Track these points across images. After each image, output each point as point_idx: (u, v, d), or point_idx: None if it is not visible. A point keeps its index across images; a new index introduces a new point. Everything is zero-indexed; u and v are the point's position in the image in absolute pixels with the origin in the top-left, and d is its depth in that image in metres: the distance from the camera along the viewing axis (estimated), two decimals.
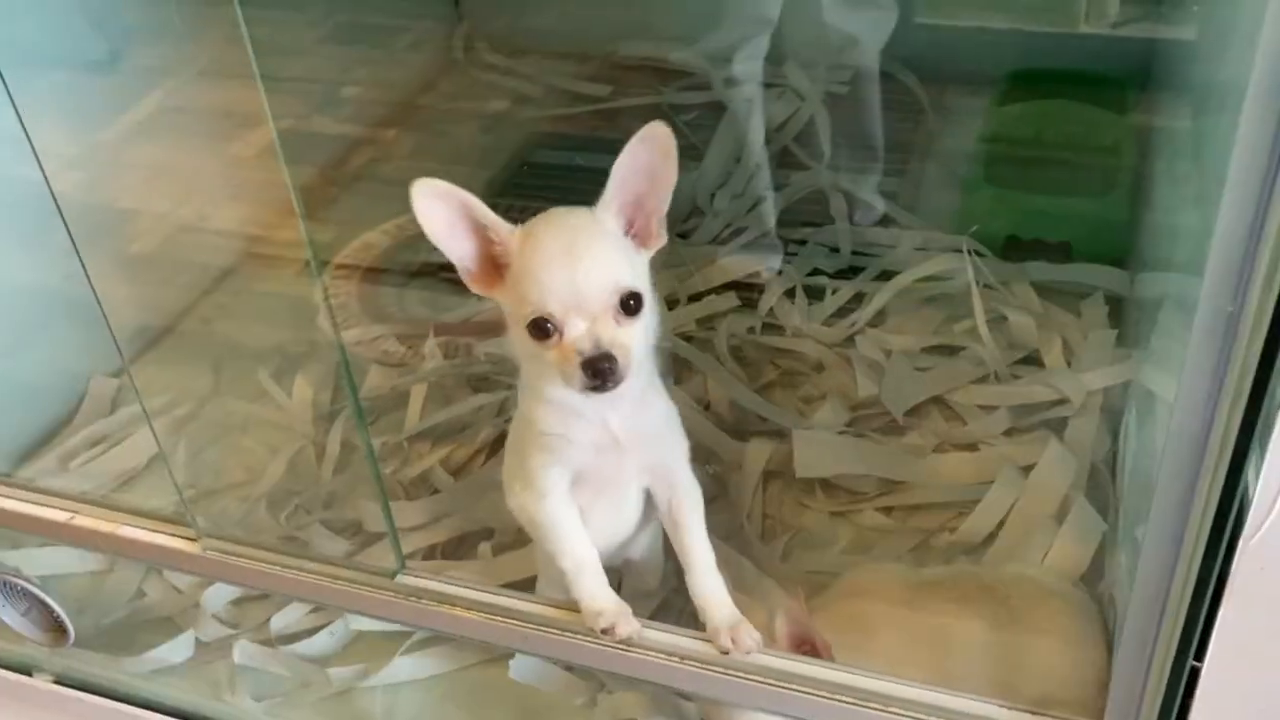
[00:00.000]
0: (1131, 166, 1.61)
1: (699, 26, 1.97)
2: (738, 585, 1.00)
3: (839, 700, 0.84)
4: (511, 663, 1.08)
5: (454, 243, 0.86)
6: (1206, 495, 0.61)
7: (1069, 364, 1.38)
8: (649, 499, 0.99)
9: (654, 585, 1.12)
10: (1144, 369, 1.26)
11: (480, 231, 0.86)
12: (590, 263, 0.83)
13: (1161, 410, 1.13)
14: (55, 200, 0.96)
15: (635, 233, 0.88)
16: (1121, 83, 1.76)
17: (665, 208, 0.87)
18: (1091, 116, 1.71)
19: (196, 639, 1.21)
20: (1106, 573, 1.12)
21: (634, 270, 0.85)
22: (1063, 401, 1.32)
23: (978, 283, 1.44)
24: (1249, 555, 0.61)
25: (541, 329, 0.83)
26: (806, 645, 0.90)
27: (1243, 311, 0.54)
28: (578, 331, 0.83)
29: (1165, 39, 1.72)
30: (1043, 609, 1.05)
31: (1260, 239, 0.52)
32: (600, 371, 0.82)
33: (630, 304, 0.84)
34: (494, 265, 0.87)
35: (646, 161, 0.84)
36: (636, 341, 0.84)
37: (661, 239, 0.88)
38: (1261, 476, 0.58)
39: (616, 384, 0.83)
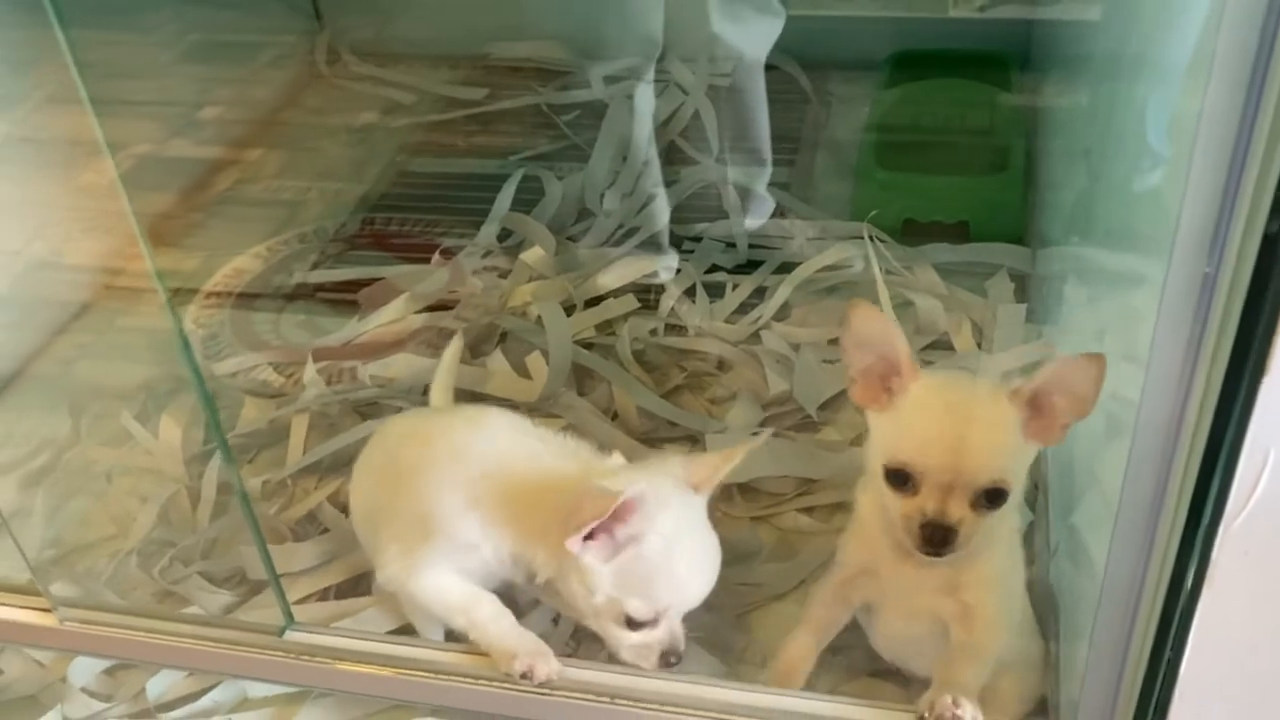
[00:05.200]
0: (1023, 142, 1.59)
1: (584, 49, 1.93)
2: None
3: None
4: None
5: None
6: (1182, 477, 0.55)
7: (979, 345, 1.34)
8: None
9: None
10: (1059, 345, 1.23)
11: None
12: None
13: None
14: None
15: None
16: (1003, 60, 1.75)
17: None
18: (977, 94, 1.69)
19: (64, 717, 1.08)
20: (1037, 558, 1.08)
21: None
22: None
23: (880, 269, 1.40)
24: (1231, 539, 0.56)
25: None
26: None
27: (1220, 271, 0.49)
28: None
29: (1045, 19, 1.73)
30: None
31: (1238, 191, 0.47)
32: None
33: None
34: None
35: None
36: None
37: None
38: (1244, 450, 0.53)
39: None
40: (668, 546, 0.84)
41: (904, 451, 0.80)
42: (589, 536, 0.81)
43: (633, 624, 0.84)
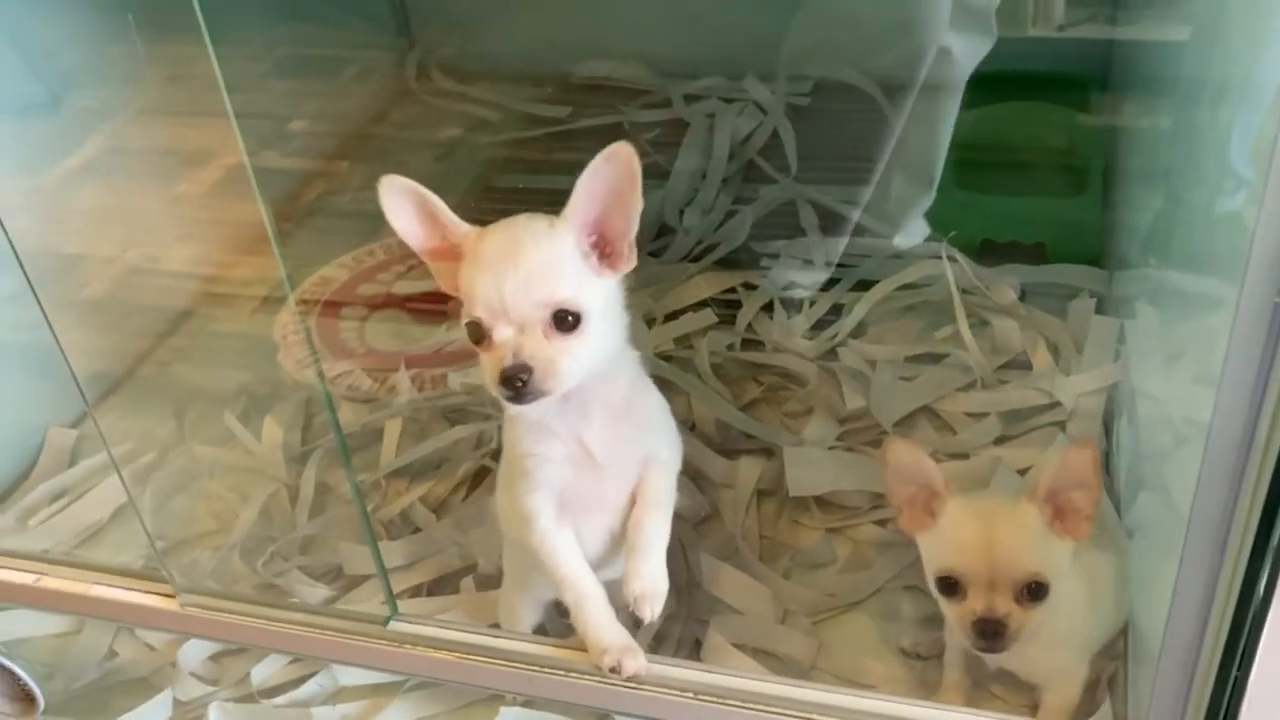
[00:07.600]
0: (1101, 164, 1.60)
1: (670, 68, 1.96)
2: None
3: None
4: None
5: (418, 239, 0.88)
6: (1255, 485, 0.58)
7: (1057, 365, 1.36)
8: None
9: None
10: (1132, 368, 1.25)
11: (441, 229, 0.87)
12: (522, 273, 0.82)
13: (1149, 408, 1.12)
14: (12, 246, 0.91)
15: (604, 255, 0.86)
16: (1081, 81, 1.76)
17: (633, 230, 0.86)
18: (1057, 116, 1.70)
19: (174, 699, 1.15)
20: None
21: (579, 287, 0.84)
22: (1054, 405, 1.30)
23: (958, 288, 1.42)
24: None
25: (474, 332, 0.84)
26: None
27: None
28: (503, 338, 0.82)
29: (1126, 40, 1.73)
30: None
31: None
32: (513, 383, 0.81)
33: (566, 320, 0.83)
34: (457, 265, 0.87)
35: (610, 181, 0.83)
36: (571, 357, 0.83)
37: (631, 262, 0.87)
38: None
39: (535, 397, 0.82)
40: (476, 246, 0.85)
41: (948, 560, 0.91)
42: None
43: (471, 335, 0.84)
